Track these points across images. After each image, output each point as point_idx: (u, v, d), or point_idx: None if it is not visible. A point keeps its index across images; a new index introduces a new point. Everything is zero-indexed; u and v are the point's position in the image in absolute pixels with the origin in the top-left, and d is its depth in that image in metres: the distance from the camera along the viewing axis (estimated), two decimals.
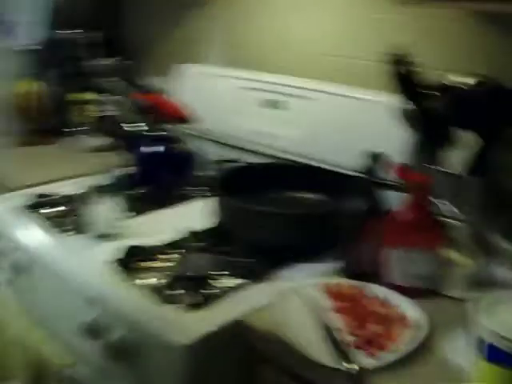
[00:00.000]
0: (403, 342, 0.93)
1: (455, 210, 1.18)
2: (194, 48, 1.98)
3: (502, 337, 0.76)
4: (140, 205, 1.47)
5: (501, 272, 1.10)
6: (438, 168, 1.21)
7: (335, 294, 1.07)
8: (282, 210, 1.28)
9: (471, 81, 1.22)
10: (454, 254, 1.13)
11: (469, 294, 1.09)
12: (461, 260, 1.12)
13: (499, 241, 1.13)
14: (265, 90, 1.67)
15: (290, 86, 1.62)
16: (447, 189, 1.21)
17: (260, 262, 1.19)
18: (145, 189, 1.55)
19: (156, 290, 1.10)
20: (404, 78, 1.20)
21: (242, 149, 1.71)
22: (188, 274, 1.14)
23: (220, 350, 1.01)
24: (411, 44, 1.20)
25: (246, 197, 1.31)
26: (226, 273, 1.16)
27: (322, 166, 1.49)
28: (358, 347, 0.93)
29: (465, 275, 1.10)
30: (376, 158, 1.12)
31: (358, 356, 0.90)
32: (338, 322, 1.00)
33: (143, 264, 1.19)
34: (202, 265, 1.18)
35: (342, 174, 1.40)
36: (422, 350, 0.94)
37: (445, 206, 1.17)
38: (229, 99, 1.75)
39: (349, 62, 1.59)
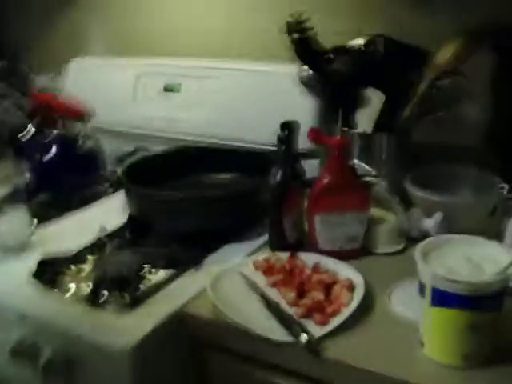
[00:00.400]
0: (345, 304, 0.93)
1: (369, 168, 1.19)
2: (82, 41, 1.90)
3: (444, 278, 0.77)
4: (45, 212, 1.38)
5: (422, 221, 1.12)
6: (347, 129, 1.22)
7: (267, 269, 1.05)
8: (195, 193, 1.24)
9: (368, 40, 1.23)
10: (376, 211, 1.14)
11: (397, 246, 1.11)
12: (384, 215, 1.14)
13: (415, 191, 1.15)
14: (163, 75, 1.62)
15: (189, 67, 1.58)
16: (359, 148, 1.22)
17: (183, 249, 1.15)
18: (47, 195, 1.46)
19: (80, 298, 1.03)
20: (301, 44, 1.20)
21: (146, 138, 1.64)
22: (110, 275, 1.08)
23: (163, 347, 0.97)
24: (307, 10, 1.19)
25: (156, 186, 1.27)
26: (150, 267, 1.12)
27: (235, 144, 1.46)
28: (302, 317, 0.92)
29: (390, 230, 1.11)
30: (289, 127, 1.10)
31: (305, 326, 0.89)
32: (276, 296, 0.98)
33: (60, 273, 1.12)
34: (123, 263, 1.12)
35: (256, 150, 1.38)
36: (365, 309, 0.94)
37: (360, 166, 1.18)
38: (126, 89, 1.67)
39: (249, 35, 1.58)
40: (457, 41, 1.16)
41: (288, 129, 1.08)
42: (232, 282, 1.02)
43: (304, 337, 0.85)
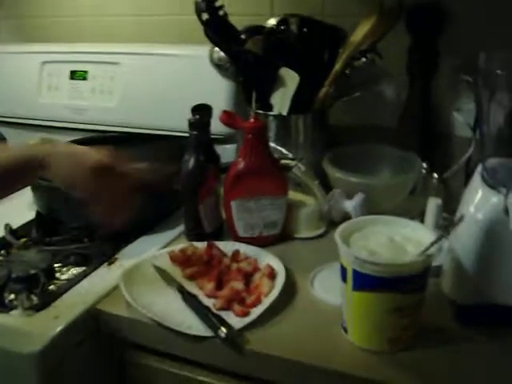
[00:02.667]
0: (266, 293, 0.89)
1: (286, 151, 1.15)
2: None
3: (365, 261, 0.74)
4: None
5: (343, 203, 1.09)
6: (262, 112, 1.18)
7: (184, 260, 0.99)
8: None
9: (280, 20, 1.20)
10: (296, 195, 1.11)
11: (318, 231, 1.08)
12: (304, 199, 1.11)
13: (334, 173, 1.12)
14: (69, 62, 1.53)
15: (96, 53, 1.49)
16: (275, 131, 1.19)
17: (95, 245, 1.09)
18: None
19: None
20: (212, 24, 1.14)
21: (52, 129, 1.55)
22: (15, 275, 1.00)
23: (77, 348, 0.91)
24: None
25: None
26: (61, 265, 1.05)
27: (148, 132, 1.41)
28: (221, 309, 0.87)
29: (310, 213, 1.08)
30: (200, 111, 1.05)
31: (224, 319, 0.84)
32: (194, 288, 0.93)
33: None
34: (30, 262, 1.04)
35: (170, 136, 1.33)
36: (287, 296, 0.90)
37: (276, 149, 1.14)
38: (30, 77, 1.57)
39: (159, 18, 1.52)
40: (371, 18, 1.13)
41: (199, 113, 1.03)
42: (146, 276, 0.97)
43: (223, 330, 0.80)
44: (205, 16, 1.12)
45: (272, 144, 1.14)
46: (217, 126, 1.06)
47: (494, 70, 0.77)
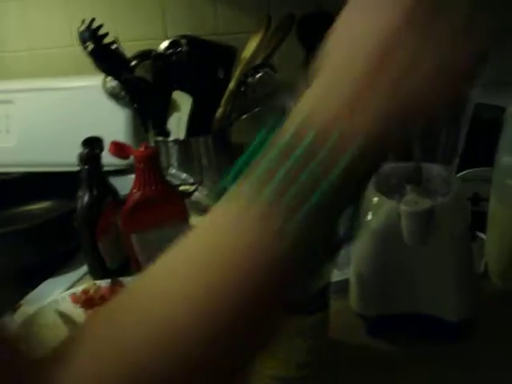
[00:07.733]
0: None
1: (188, 176, 1.12)
2: None
3: None
4: None
5: None
6: (161, 138, 1.15)
7: (86, 302, 0.94)
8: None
9: (170, 43, 1.17)
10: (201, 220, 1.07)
11: None
12: None
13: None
14: None
15: None
16: (177, 156, 1.16)
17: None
18: None
19: None
20: (98, 53, 1.11)
21: None
22: None
23: None
24: (102, 17, 1.11)
25: None
26: None
27: (50, 169, 1.35)
28: None
29: None
30: (90, 144, 1.00)
31: None
32: None
33: None
34: None
35: (66, 173, 1.28)
36: None
37: (177, 175, 1.11)
38: None
39: (45, 52, 1.48)
40: (259, 33, 1.11)
41: (89, 146, 0.99)
42: (47, 322, 0.91)
43: None
44: (90, 46, 1.09)
45: (173, 170, 1.11)
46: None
47: None
